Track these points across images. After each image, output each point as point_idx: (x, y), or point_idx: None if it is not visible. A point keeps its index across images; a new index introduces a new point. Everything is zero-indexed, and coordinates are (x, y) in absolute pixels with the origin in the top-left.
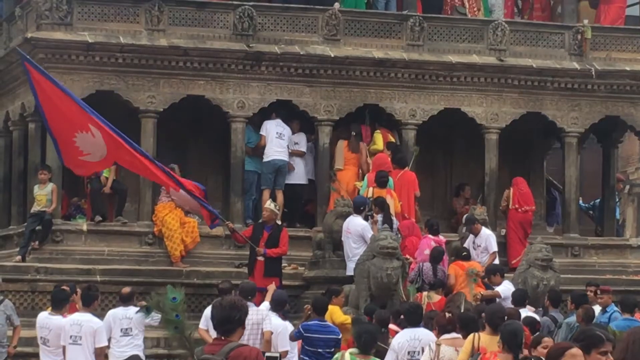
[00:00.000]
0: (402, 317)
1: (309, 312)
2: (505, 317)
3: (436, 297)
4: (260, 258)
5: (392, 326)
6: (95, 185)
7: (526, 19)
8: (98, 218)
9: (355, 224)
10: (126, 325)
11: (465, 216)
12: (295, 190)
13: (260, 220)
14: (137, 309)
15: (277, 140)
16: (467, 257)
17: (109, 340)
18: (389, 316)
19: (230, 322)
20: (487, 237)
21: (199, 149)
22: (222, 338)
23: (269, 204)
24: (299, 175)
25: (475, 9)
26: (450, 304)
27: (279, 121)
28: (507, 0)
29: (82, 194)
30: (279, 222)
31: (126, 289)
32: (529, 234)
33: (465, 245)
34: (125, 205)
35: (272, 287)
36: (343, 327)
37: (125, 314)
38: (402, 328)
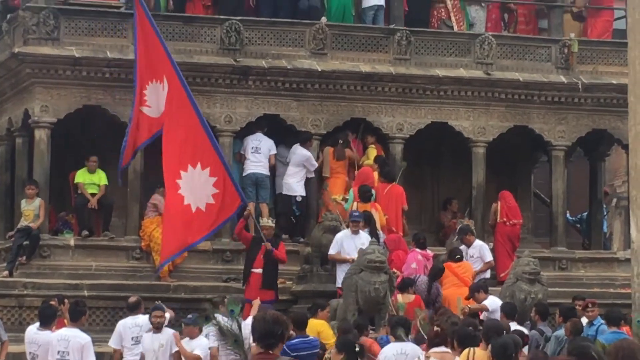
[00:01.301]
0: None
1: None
2: (504, 332)
3: (410, 297)
4: (258, 270)
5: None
6: (80, 201)
7: (511, 32)
8: (85, 233)
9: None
10: (136, 334)
11: (458, 227)
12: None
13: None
14: (146, 316)
15: (253, 154)
16: (460, 259)
17: (122, 348)
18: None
19: (273, 336)
20: (481, 247)
21: None
22: (269, 352)
23: (265, 221)
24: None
25: (461, 22)
26: (440, 317)
27: (257, 135)
28: (492, 14)
29: (70, 208)
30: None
31: (132, 298)
32: (517, 247)
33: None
34: (113, 220)
35: (257, 302)
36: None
37: (134, 322)
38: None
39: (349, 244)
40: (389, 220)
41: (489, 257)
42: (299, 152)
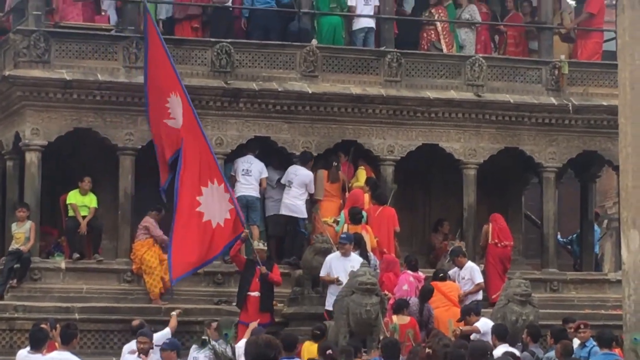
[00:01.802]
0: None
1: None
2: (489, 354)
3: (405, 319)
4: (255, 294)
5: None
6: (72, 224)
7: (501, 54)
8: (76, 256)
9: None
10: None
11: (450, 248)
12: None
13: (250, 257)
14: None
15: (244, 176)
16: (443, 278)
17: None
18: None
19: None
20: (471, 269)
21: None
22: None
23: (257, 245)
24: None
25: (451, 45)
26: (431, 339)
27: (248, 157)
28: (481, 36)
29: (61, 230)
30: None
31: (135, 322)
32: (508, 269)
33: (451, 277)
34: (103, 242)
35: (253, 325)
36: None
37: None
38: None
39: (337, 266)
40: (381, 242)
41: (479, 279)
42: (302, 172)
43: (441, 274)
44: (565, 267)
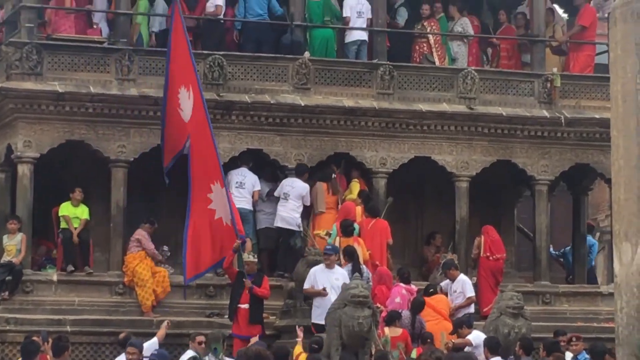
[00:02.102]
0: None
1: None
2: None
3: (397, 331)
4: (245, 306)
5: None
6: (68, 234)
7: (494, 67)
8: (70, 268)
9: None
10: None
11: (442, 261)
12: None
13: (241, 270)
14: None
15: (237, 189)
16: (433, 293)
17: None
18: None
19: None
20: (463, 282)
21: (169, 198)
22: None
23: (246, 257)
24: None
25: (443, 57)
26: (424, 352)
27: (242, 170)
28: (472, 49)
29: (53, 243)
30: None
31: (122, 334)
32: (500, 281)
33: (444, 289)
34: (95, 255)
35: (254, 340)
36: None
37: None
38: None
39: (321, 278)
40: (374, 254)
41: (470, 293)
42: (298, 184)
43: (431, 289)
44: (558, 280)
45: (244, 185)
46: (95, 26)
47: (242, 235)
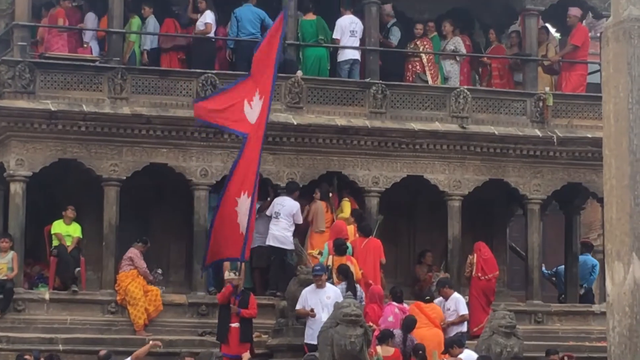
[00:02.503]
0: None
1: None
2: None
3: (390, 350)
4: (235, 325)
5: None
6: (61, 249)
7: (484, 86)
8: (74, 288)
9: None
10: None
11: (437, 279)
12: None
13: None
14: None
15: None
16: (429, 300)
17: None
18: None
19: None
20: (456, 301)
21: (162, 216)
22: None
23: (227, 275)
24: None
25: (436, 76)
26: None
27: None
28: (464, 68)
29: (45, 262)
30: (247, 289)
31: (102, 352)
32: (492, 301)
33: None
34: (88, 273)
35: (246, 356)
36: None
37: None
38: None
39: (312, 298)
40: (367, 273)
41: (463, 311)
42: (289, 203)
43: (427, 297)
44: (550, 299)
45: None
46: (85, 45)
47: (238, 259)
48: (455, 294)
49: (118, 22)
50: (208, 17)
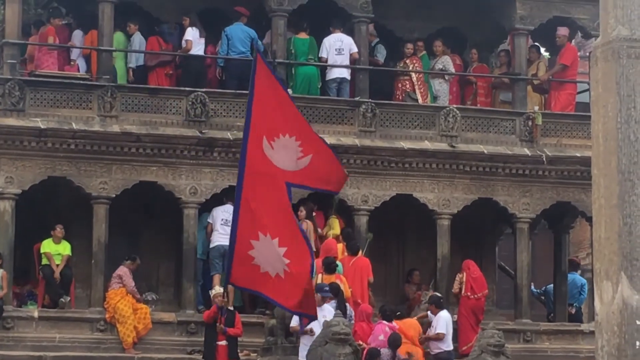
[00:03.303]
0: None
1: None
2: None
3: None
4: (223, 343)
5: None
6: (47, 272)
7: (469, 104)
8: (65, 300)
9: None
10: None
11: (428, 296)
12: None
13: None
14: None
15: (222, 226)
16: (401, 317)
17: None
18: None
19: None
20: (438, 318)
21: (151, 234)
22: None
23: (216, 291)
24: None
25: (425, 95)
26: None
27: (227, 206)
28: (453, 87)
29: (35, 280)
30: (231, 308)
31: None
32: (481, 320)
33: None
34: (77, 291)
35: None
36: None
37: None
38: None
39: None
40: (355, 292)
41: (439, 329)
42: None
43: (398, 312)
44: (539, 318)
45: (229, 222)
46: (72, 63)
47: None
48: (441, 313)
49: (108, 39)
50: (189, 35)
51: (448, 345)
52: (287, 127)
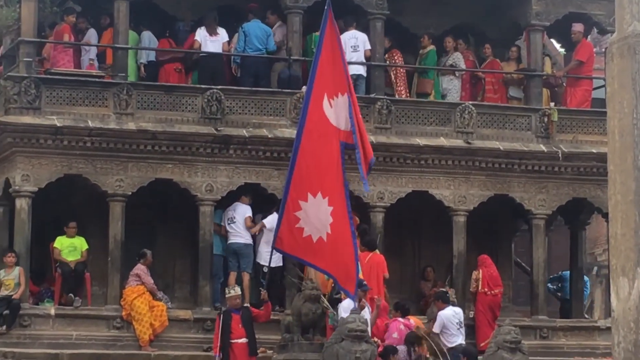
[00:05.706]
0: None
1: None
2: None
3: None
4: (242, 340)
5: None
6: (65, 269)
7: (479, 100)
8: (78, 302)
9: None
10: None
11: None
12: None
13: (224, 309)
14: None
15: (229, 225)
16: (406, 312)
17: None
18: None
19: None
20: (439, 315)
21: (167, 232)
22: None
23: (227, 292)
24: None
25: (404, 90)
26: None
27: (233, 205)
28: (465, 83)
29: (51, 278)
30: (247, 305)
31: None
32: (498, 316)
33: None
34: (93, 289)
35: None
36: None
37: None
38: None
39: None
40: (371, 288)
41: (435, 329)
42: (271, 218)
43: (406, 307)
44: (555, 315)
45: (235, 219)
46: (91, 62)
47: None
48: (442, 311)
49: (124, 37)
50: (198, 35)
51: (452, 343)
52: (344, 86)
